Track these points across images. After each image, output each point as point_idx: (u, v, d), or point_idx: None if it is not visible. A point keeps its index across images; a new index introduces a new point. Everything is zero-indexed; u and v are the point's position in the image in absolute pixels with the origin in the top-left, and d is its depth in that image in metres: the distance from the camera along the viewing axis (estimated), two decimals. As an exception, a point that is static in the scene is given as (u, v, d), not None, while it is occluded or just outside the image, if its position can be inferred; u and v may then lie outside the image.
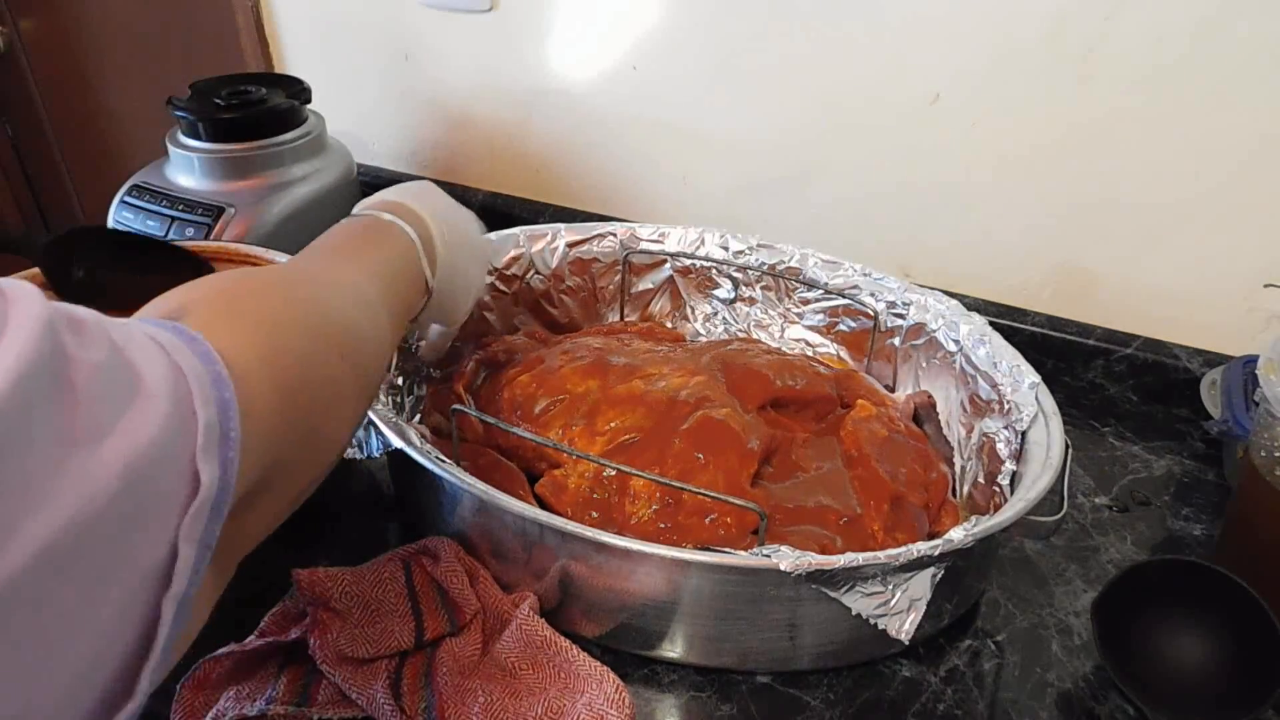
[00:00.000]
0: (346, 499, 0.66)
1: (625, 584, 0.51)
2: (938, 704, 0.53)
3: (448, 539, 0.56)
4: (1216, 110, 0.72)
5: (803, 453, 0.64)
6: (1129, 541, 0.66)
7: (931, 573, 0.49)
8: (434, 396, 0.68)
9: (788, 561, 0.46)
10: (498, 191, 1.08)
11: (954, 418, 0.69)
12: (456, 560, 0.54)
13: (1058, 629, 0.58)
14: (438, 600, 0.53)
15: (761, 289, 0.81)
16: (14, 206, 1.61)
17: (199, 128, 0.89)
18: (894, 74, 0.82)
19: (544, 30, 0.96)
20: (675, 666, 0.54)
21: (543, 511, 0.51)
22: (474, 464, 0.61)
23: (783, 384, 0.66)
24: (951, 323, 0.70)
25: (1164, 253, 0.79)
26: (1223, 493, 0.71)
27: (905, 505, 0.59)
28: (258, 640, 0.51)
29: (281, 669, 0.51)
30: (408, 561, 0.55)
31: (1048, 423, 0.59)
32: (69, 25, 1.39)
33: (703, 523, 0.56)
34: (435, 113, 1.08)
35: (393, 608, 0.52)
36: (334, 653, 0.50)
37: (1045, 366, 0.82)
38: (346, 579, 0.53)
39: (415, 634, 0.52)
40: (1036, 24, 0.75)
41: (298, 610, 0.54)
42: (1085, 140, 0.77)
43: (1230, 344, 0.79)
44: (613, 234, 0.80)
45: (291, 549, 0.62)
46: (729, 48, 0.88)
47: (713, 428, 0.60)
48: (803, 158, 0.90)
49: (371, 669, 0.50)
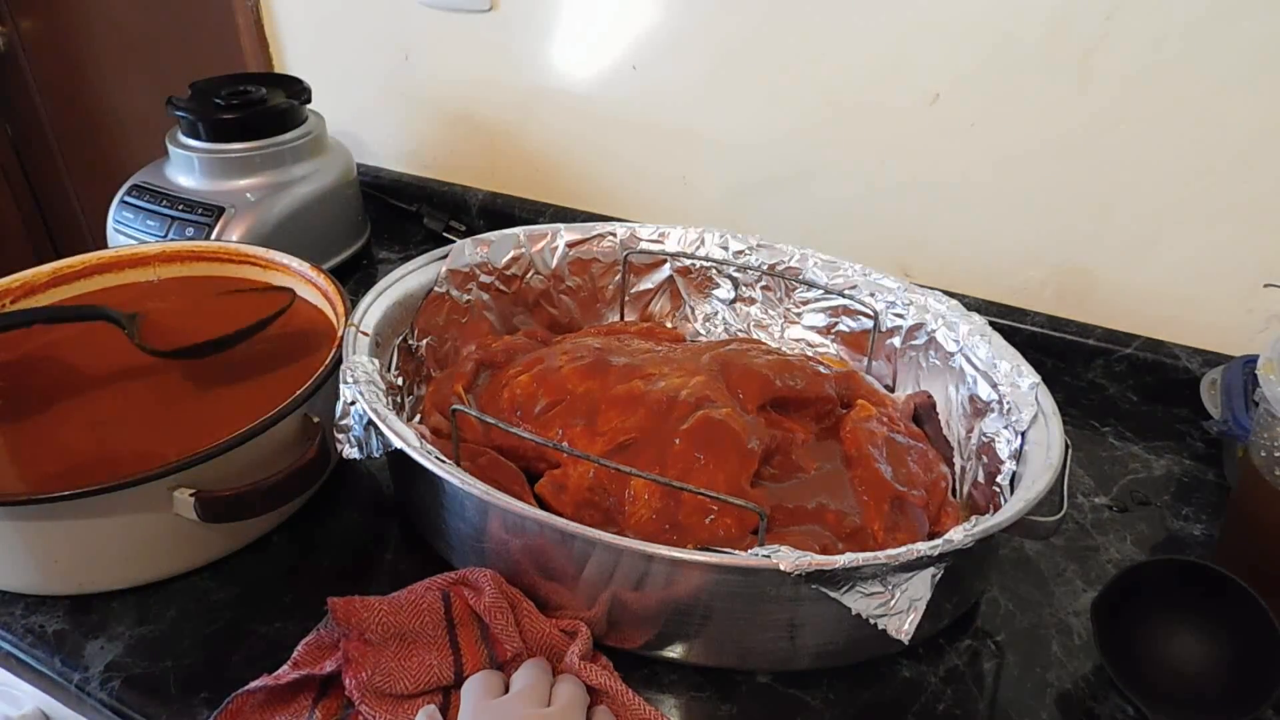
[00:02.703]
0: (347, 499, 0.66)
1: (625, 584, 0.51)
2: (938, 704, 0.53)
3: (488, 570, 0.54)
4: (1216, 110, 0.72)
5: (803, 453, 0.64)
6: (1129, 541, 0.66)
7: (931, 573, 0.49)
8: (434, 396, 0.68)
9: (788, 561, 0.46)
10: (498, 191, 1.08)
11: (954, 418, 0.69)
12: (500, 594, 0.53)
13: (1057, 629, 0.58)
14: (477, 633, 0.52)
15: (761, 289, 0.81)
16: (14, 206, 1.61)
17: (199, 128, 0.89)
18: (894, 74, 0.82)
19: (544, 30, 0.96)
20: (675, 666, 0.54)
21: (543, 512, 0.51)
22: (474, 464, 0.61)
23: (783, 384, 0.66)
24: (951, 323, 0.70)
25: (1164, 253, 0.79)
26: (1223, 493, 0.71)
27: (905, 505, 0.59)
28: (291, 672, 0.50)
29: (316, 702, 0.50)
30: (446, 591, 0.54)
31: (1048, 423, 0.59)
32: (69, 25, 1.39)
33: (703, 523, 0.56)
34: (435, 113, 1.08)
35: (430, 639, 0.51)
36: (372, 691, 0.49)
37: (1045, 366, 0.82)
38: (383, 609, 0.51)
39: (454, 668, 0.51)
40: (1036, 24, 0.75)
41: (332, 639, 0.52)
42: (1085, 140, 0.77)
43: (1230, 344, 0.79)
44: (613, 234, 0.81)
45: (292, 549, 0.62)
46: (729, 48, 0.88)
47: (713, 428, 0.60)
48: (803, 158, 0.90)
49: (412, 704, 0.49)
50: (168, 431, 0.62)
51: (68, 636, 0.55)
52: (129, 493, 0.53)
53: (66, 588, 0.57)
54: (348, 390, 0.57)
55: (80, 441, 0.61)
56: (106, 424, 0.63)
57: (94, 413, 0.64)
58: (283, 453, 0.60)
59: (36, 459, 0.60)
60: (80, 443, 0.61)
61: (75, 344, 0.71)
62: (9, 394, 0.66)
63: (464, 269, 0.75)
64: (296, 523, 0.64)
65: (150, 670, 0.53)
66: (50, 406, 0.64)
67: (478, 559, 0.56)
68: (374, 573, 0.61)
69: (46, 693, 0.56)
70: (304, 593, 0.58)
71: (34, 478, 0.59)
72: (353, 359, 0.60)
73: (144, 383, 0.67)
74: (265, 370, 0.68)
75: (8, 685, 0.63)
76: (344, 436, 0.57)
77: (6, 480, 0.58)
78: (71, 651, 0.54)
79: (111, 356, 0.70)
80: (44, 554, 0.55)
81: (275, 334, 0.73)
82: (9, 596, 0.58)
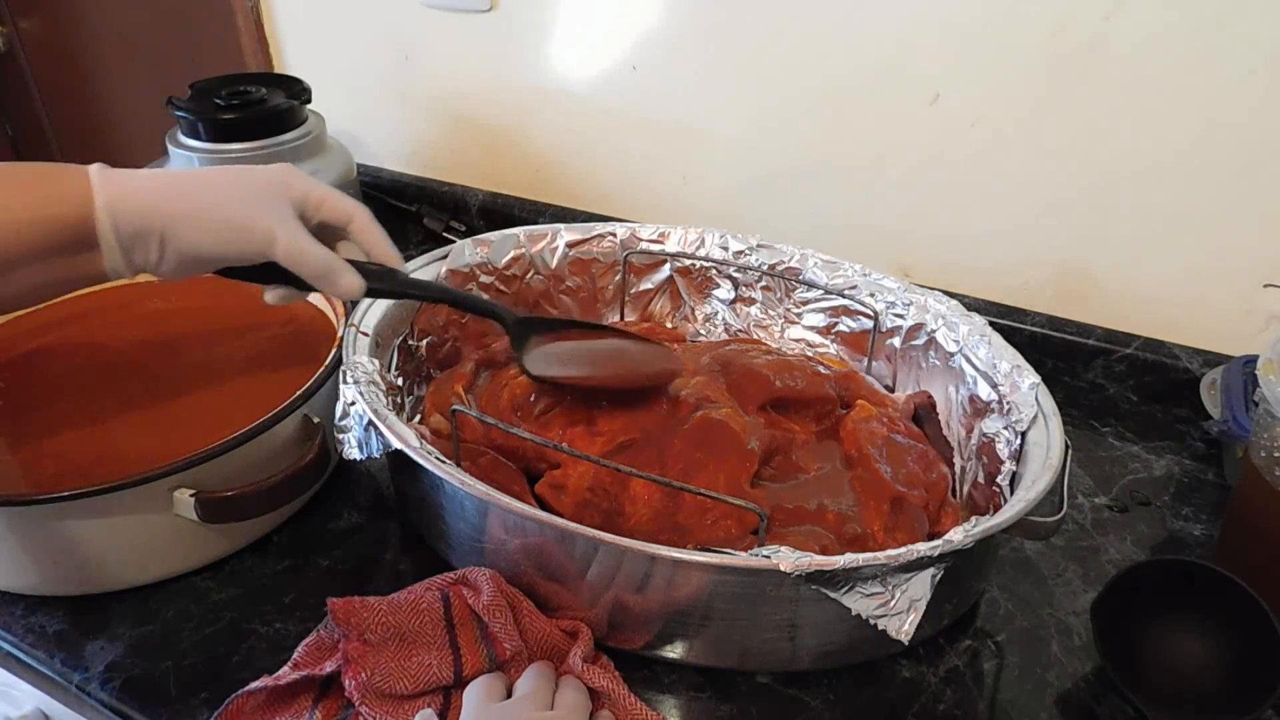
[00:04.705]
0: (347, 499, 0.66)
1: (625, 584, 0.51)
2: (937, 704, 0.53)
3: (487, 569, 0.54)
4: (1216, 110, 0.72)
5: (803, 453, 0.64)
6: (1129, 541, 0.66)
7: (931, 573, 0.49)
8: (434, 396, 0.68)
9: (788, 562, 0.46)
10: (498, 191, 1.08)
11: (954, 418, 0.69)
12: (499, 593, 0.53)
13: (1057, 629, 0.58)
14: (476, 633, 0.52)
15: (761, 289, 0.81)
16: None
17: (199, 128, 0.89)
18: (894, 74, 0.82)
19: (544, 30, 0.96)
20: (675, 667, 0.54)
21: (543, 512, 0.51)
22: (474, 464, 0.61)
23: (783, 384, 0.66)
24: (951, 323, 0.70)
25: (1164, 253, 0.79)
26: (1223, 493, 0.71)
27: (905, 506, 0.59)
28: (291, 673, 0.50)
29: (316, 702, 0.50)
30: (445, 592, 0.54)
31: (1047, 423, 0.59)
32: (69, 25, 1.39)
33: (703, 523, 0.56)
34: (435, 113, 1.08)
35: (430, 639, 0.51)
36: (372, 692, 0.49)
37: (1045, 366, 0.82)
38: (383, 609, 0.51)
39: (454, 668, 0.51)
40: (1036, 24, 0.75)
41: (332, 640, 0.52)
42: (1085, 140, 0.77)
43: (1230, 344, 0.79)
44: (613, 234, 0.80)
45: (292, 549, 0.62)
46: (729, 48, 0.88)
47: (713, 428, 0.60)
48: (803, 158, 0.90)
49: (412, 705, 0.49)
50: (168, 431, 0.62)
51: (68, 636, 0.55)
52: (129, 493, 0.53)
53: (66, 588, 0.57)
54: (348, 390, 0.57)
55: (80, 441, 0.61)
56: (106, 424, 0.63)
57: (94, 413, 0.64)
58: (283, 453, 0.60)
59: (36, 459, 0.60)
60: (80, 443, 0.61)
61: (75, 344, 0.71)
62: (9, 394, 0.66)
63: (464, 269, 0.75)
64: (296, 523, 0.64)
65: (150, 670, 0.53)
66: (50, 406, 0.64)
67: (477, 559, 0.56)
68: (374, 573, 0.61)
69: (46, 693, 0.56)
70: (304, 593, 0.58)
71: (34, 478, 0.59)
72: (353, 359, 0.60)
73: (144, 383, 0.67)
74: (265, 370, 0.68)
75: (8, 685, 0.63)
76: (344, 437, 0.57)
77: (6, 480, 0.58)
78: (71, 652, 0.54)
79: (111, 356, 0.70)
80: (44, 554, 0.55)
81: (275, 334, 0.73)
82: (9, 596, 0.58)
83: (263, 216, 0.53)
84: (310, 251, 0.54)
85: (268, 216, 0.53)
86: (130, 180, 0.51)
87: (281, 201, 0.54)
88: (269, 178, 0.55)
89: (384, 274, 0.59)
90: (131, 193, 0.50)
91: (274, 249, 0.53)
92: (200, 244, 0.52)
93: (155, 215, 0.51)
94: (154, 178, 0.52)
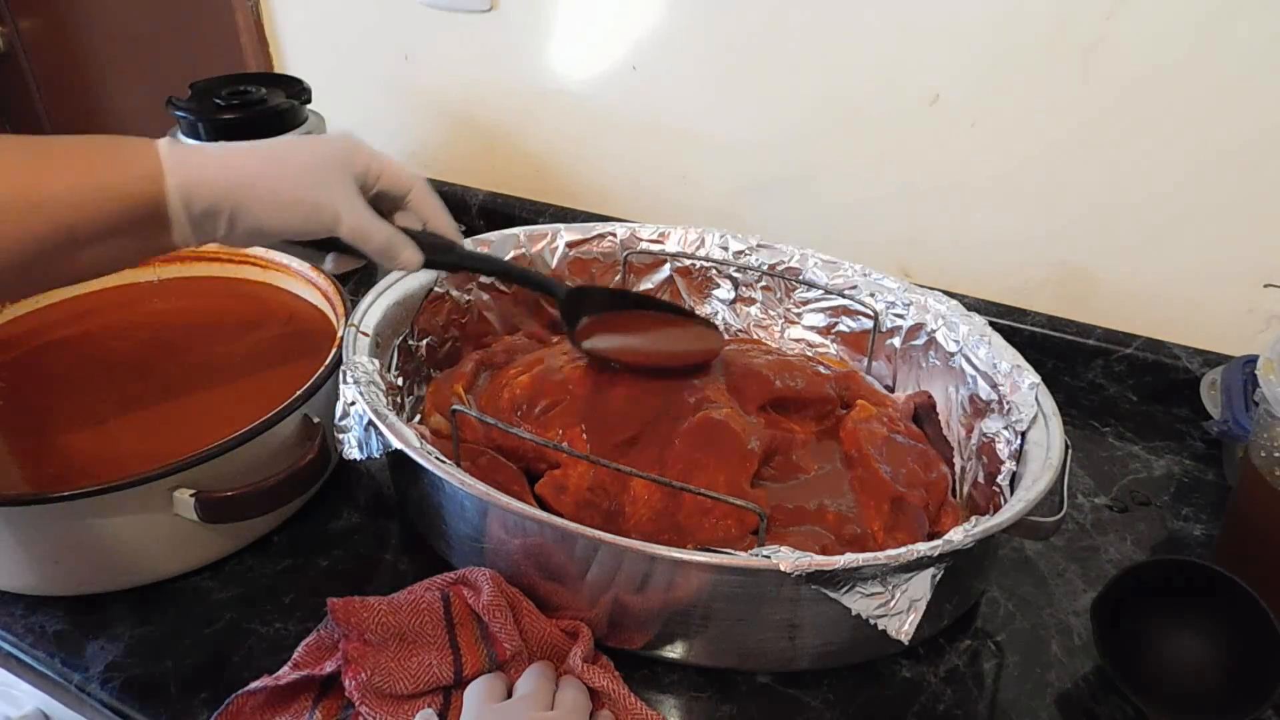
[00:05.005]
0: (347, 499, 0.66)
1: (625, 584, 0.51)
2: (937, 704, 0.53)
3: (487, 569, 0.54)
4: (1217, 110, 0.72)
5: (803, 453, 0.63)
6: (1129, 541, 0.66)
7: (931, 573, 0.49)
8: (434, 397, 0.68)
9: (788, 562, 0.46)
10: (498, 191, 1.08)
11: (954, 418, 0.69)
12: (499, 593, 0.53)
13: (1057, 629, 0.58)
14: (476, 633, 0.52)
15: (762, 289, 0.81)
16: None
17: (199, 128, 0.89)
18: (894, 74, 0.82)
19: (544, 30, 0.96)
20: (675, 666, 0.54)
21: (543, 512, 0.51)
22: (474, 464, 0.61)
23: (783, 384, 0.66)
24: (951, 323, 0.70)
25: (1164, 253, 0.79)
26: (1222, 493, 0.71)
27: (905, 506, 0.59)
28: (291, 673, 0.50)
29: (316, 702, 0.50)
30: (445, 591, 0.54)
31: (1047, 423, 0.59)
32: (69, 25, 1.39)
33: (703, 523, 0.56)
34: (435, 113, 1.08)
35: (430, 639, 0.51)
36: (372, 692, 0.49)
37: (1045, 366, 0.82)
38: (383, 609, 0.51)
39: (454, 668, 0.51)
40: (1036, 24, 0.75)
41: (332, 640, 0.52)
42: (1085, 140, 0.77)
43: (1230, 344, 0.79)
44: (613, 234, 0.80)
45: (292, 549, 0.62)
46: (729, 48, 0.88)
47: (713, 428, 0.60)
48: (803, 158, 0.90)
49: (412, 705, 0.49)
50: (168, 431, 0.62)
51: (68, 636, 0.55)
52: (129, 493, 0.53)
53: (66, 588, 0.57)
54: (348, 390, 0.57)
55: (80, 441, 0.61)
56: (107, 423, 0.63)
57: (94, 412, 0.64)
58: (283, 453, 0.60)
59: (37, 459, 0.60)
60: (80, 443, 0.61)
61: (76, 344, 0.71)
62: (10, 393, 0.66)
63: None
64: (296, 523, 0.64)
65: (150, 670, 0.53)
66: (51, 406, 0.65)
67: (478, 559, 0.56)
68: (374, 573, 0.61)
69: (47, 693, 0.56)
70: (304, 593, 0.58)
71: (34, 478, 0.59)
72: (353, 359, 0.60)
73: (144, 382, 0.67)
74: (265, 370, 0.68)
75: (8, 685, 0.63)
76: (344, 437, 0.57)
77: (7, 480, 0.59)
78: (72, 652, 0.54)
79: (112, 356, 0.70)
80: (44, 554, 0.55)
81: (275, 334, 0.73)
82: (9, 596, 0.58)
83: (329, 195, 0.54)
84: (373, 229, 0.56)
85: (334, 195, 0.54)
86: (201, 157, 0.52)
87: (345, 176, 0.55)
88: (335, 152, 0.56)
89: (442, 247, 0.60)
90: (203, 171, 0.51)
91: (339, 227, 0.55)
92: (269, 221, 0.53)
93: (226, 196, 0.51)
94: (224, 154, 0.53)
